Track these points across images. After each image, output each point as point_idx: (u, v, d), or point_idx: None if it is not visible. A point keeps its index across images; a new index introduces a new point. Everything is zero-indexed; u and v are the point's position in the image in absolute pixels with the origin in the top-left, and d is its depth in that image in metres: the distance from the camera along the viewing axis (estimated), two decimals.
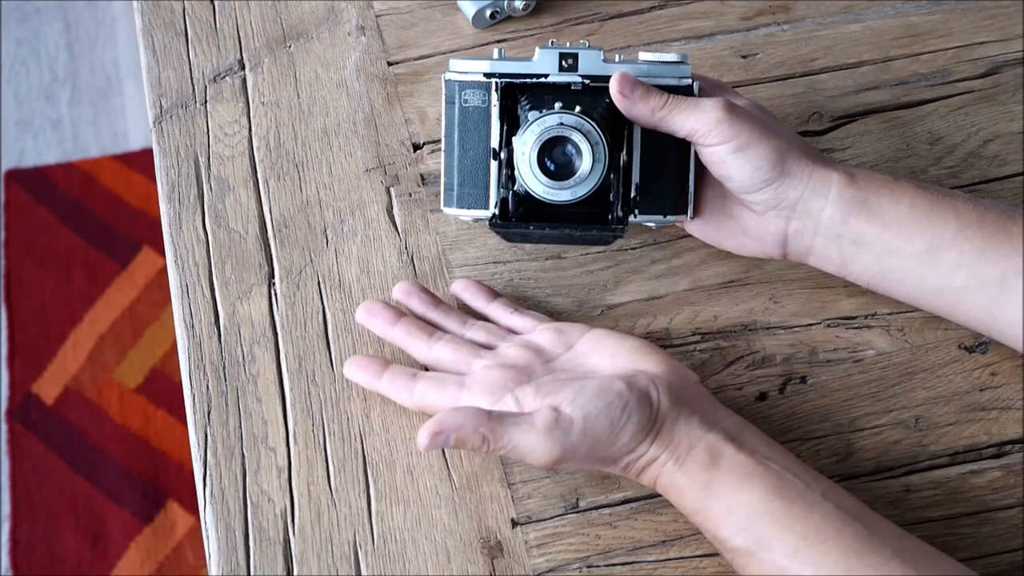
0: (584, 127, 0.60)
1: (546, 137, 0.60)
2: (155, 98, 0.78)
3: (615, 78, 0.61)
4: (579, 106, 0.60)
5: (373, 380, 0.63)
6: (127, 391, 1.63)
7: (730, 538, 0.53)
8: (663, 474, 0.56)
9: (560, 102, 0.61)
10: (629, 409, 0.55)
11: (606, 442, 0.55)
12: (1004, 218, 0.60)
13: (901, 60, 0.78)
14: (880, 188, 0.61)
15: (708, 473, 0.54)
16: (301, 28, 0.82)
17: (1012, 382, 0.64)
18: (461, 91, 0.64)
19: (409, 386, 0.61)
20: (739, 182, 0.61)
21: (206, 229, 0.72)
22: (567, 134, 0.60)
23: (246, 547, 0.60)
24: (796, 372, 0.65)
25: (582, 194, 0.60)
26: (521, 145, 0.60)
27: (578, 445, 0.55)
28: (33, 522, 1.53)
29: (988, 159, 0.73)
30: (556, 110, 0.60)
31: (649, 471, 0.56)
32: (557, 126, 0.60)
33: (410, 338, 0.64)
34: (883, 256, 0.61)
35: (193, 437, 0.64)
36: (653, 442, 0.55)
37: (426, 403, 0.61)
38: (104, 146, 1.88)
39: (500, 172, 0.63)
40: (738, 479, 0.54)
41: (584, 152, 0.60)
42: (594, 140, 0.60)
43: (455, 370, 0.62)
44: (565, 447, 0.55)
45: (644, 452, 0.55)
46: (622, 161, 0.62)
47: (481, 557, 0.59)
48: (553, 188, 0.60)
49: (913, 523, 0.59)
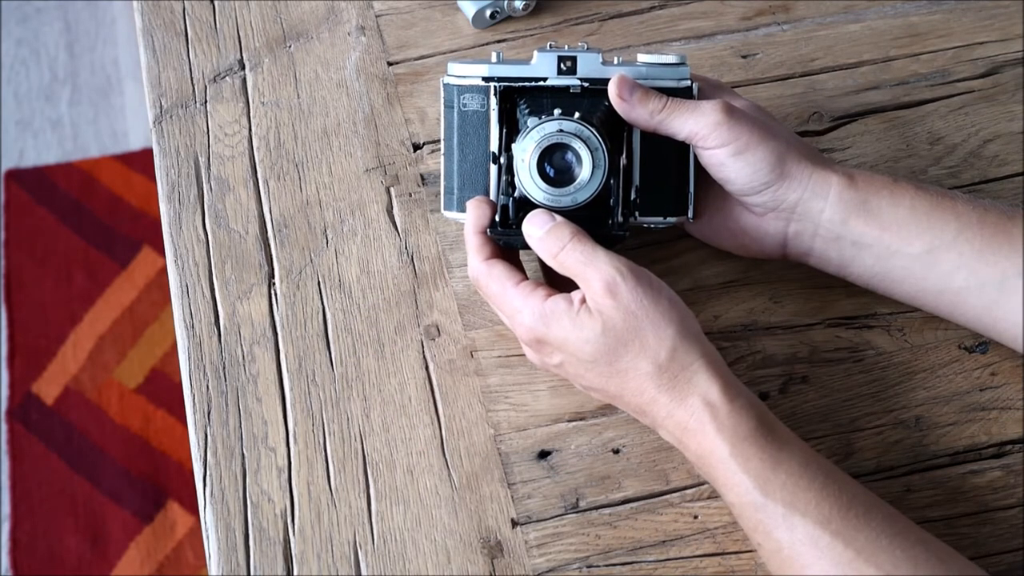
0: (583, 133, 0.59)
1: (545, 144, 0.60)
2: (155, 98, 0.78)
3: (613, 81, 0.61)
4: (578, 111, 0.60)
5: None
6: (127, 391, 1.63)
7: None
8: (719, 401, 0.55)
9: (559, 108, 0.60)
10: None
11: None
12: (1004, 219, 0.60)
13: (901, 60, 0.78)
14: (880, 189, 0.61)
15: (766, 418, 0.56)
16: (301, 28, 0.82)
17: (1012, 382, 0.64)
18: (460, 95, 0.64)
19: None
20: (739, 185, 0.61)
21: (206, 229, 0.72)
22: (567, 141, 0.59)
23: (246, 547, 0.60)
24: (796, 372, 0.65)
25: (582, 200, 0.60)
26: (520, 152, 0.60)
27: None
28: (33, 522, 1.53)
29: (988, 159, 0.73)
30: (555, 116, 0.60)
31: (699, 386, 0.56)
32: (556, 133, 0.59)
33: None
34: (883, 257, 0.61)
35: (193, 437, 0.64)
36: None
37: None
38: (104, 146, 1.88)
39: (500, 177, 0.62)
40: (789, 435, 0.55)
41: (584, 159, 0.59)
42: (593, 146, 0.59)
43: None
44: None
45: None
46: (622, 165, 0.62)
47: (481, 557, 0.59)
48: (553, 195, 0.60)
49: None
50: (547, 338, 0.58)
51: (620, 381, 0.57)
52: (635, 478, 0.61)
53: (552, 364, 0.60)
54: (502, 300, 0.60)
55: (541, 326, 0.58)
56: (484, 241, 0.61)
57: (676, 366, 0.56)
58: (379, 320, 0.68)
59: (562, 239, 0.58)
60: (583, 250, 0.58)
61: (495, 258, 0.61)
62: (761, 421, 0.55)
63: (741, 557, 0.59)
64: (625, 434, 0.63)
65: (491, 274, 0.60)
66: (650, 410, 0.57)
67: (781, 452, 0.54)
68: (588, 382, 0.59)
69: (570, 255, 0.58)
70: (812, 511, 0.52)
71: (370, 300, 0.68)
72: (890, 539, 0.52)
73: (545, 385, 0.65)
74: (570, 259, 0.58)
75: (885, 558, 0.51)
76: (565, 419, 0.64)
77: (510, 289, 0.60)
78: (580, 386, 0.61)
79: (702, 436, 0.55)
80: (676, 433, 0.57)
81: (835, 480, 0.54)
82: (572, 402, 0.64)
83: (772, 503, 0.53)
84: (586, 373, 0.58)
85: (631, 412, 0.60)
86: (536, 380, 0.65)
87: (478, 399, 0.64)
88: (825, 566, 0.51)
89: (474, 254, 0.61)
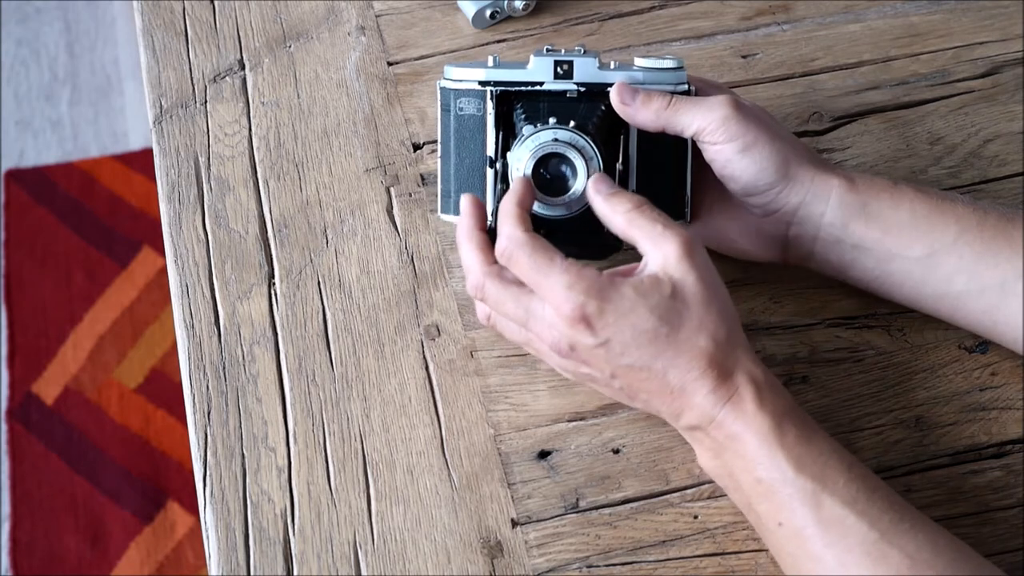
0: (579, 143, 0.59)
1: (540, 154, 0.59)
2: (155, 98, 0.78)
3: (614, 90, 0.61)
4: (574, 116, 0.60)
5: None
6: (127, 391, 1.63)
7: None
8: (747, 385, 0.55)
9: (555, 114, 0.60)
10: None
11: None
12: (1004, 222, 0.60)
13: (901, 60, 0.78)
14: (880, 193, 0.61)
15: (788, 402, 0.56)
16: (301, 28, 0.82)
17: (1012, 382, 0.64)
18: (456, 99, 0.64)
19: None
20: (743, 183, 0.61)
21: (206, 229, 0.72)
22: (561, 151, 0.59)
23: (246, 547, 0.60)
24: (796, 372, 0.65)
25: (577, 209, 0.60)
26: (516, 161, 0.60)
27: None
28: (33, 522, 1.53)
29: (988, 159, 0.73)
30: (550, 125, 0.60)
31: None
32: (551, 142, 0.59)
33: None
34: (883, 261, 0.61)
35: (193, 437, 0.64)
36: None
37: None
38: (104, 146, 1.88)
39: (496, 184, 0.62)
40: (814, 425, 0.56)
41: (579, 169, 0.59)
42: (588, 156, 0.59)
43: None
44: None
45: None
46: (618, 171, 0.62)
47: (481, 557, 0.59)
48: (548, 204, 0.60)
49: None
50: (603, 312, 0.54)
51: (672, 355, 0.54)
52: (635, 478, 0.61)
53: (588, 345, 0.55)
54: (547, 272, 0.55)
55: (596, 299, 0.54)
56: (524, 215, 0.57)
57: (729, 346, 0.55)
58: (379, 320, 0.68)
59: (633, 199, 0.57)
60: (658, 213, 0.56)
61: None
62: (793, 403, 0.56)
63: (741, 557, 0.59)
64: (625, 434, 0.63)
65: (535, 245, 0.55)
66: (689, 389, 0.55)
67: (812, 433, 0.55)
68: (630, 360, 0.55)
69: (643, 215, 0.56)
70: (840, 490, 0.52)
71: (370, 300, 0.68)
72: (912, 524, 0.52)
73: (545, 385, 0.65)
74: (643, 219, 0.56)
75: (908, 540, 0.51)
76: (565, 419, 0.64)
77: (559, 261, 0.55)
78: (606, 375, 0.57)
79: (741, 412, 0.54)
80: (709, 412, 0.55)
81: (859, 465, 0.54)
82: (572, 402, 0.64)
83: (803, 479, 0.53)
84: (635, 350, 0.54)
85: (653, 397, 0.56)
86: (536, 380, 0.65)
87: (478, 399, 0.64)
88: (850, 545, 0.52)
89: (516, 224, 0.56)
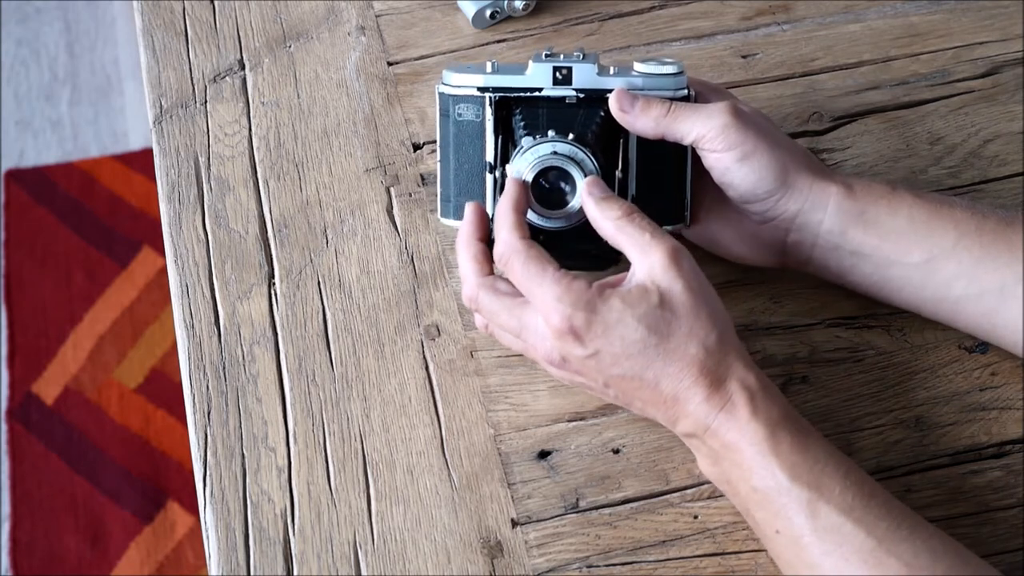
0: (578, 156, 0.59)
1: (539, 168, 0.59)
2: (155, 98, 0.78)
3: (613, 97, 0.61)
4: (573, 124, 0.60)
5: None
6: (127, 391, 1.63)
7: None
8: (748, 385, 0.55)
9: (554, 124, 0.60)
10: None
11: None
12: (1003, 225, 0.60)
13: (901, 60, 0.78)
14: (878, 199, 0.61)
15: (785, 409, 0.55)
16: (301, 28, 0.82)
17: (1012, 382, 0.64)
18: (455, 104, 0.63)
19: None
20: (742, 191, 0.61)
21: (206, 229, 0.72)
22: (560, 164, 0.59)
23: (246, 547, 0.60)
24: (796, 372, 0.65)
25: (576, 221, 0.60)
26: (515, 173, 0.59)
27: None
28: (33, 522, 1.53)
29: (988, 159, 0.73)
30: (550, 138, 0.59)
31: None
32: (551, 155, 0.59)
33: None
34: (881, 267, 0.61)
35: (193, 437, 0.64)
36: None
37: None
38: (104, 146, 1.88)
39: (495, 191, 0.62)
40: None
41: (578, 184, 0.59)
42: (588, 169, 0.59)
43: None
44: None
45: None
46: (617, 178, 0.62)
47: (481, 557, 0.59)
48: (547, 216, 0.60)
49: None
50: (591, 323, 0.54)
51: (662, 365, 0.55)
52: (635, 478, 0.61)
53: (578, 357, 0.56)
54: (539, 282, 0.55)
55: (584, 311, 0.54)
56: (520, 221, 0.58)
57: (720, 353, 0.55)
58: (379, 320, 0.68)
59: (623, 206, 0.57)
60: (647, 222, 0.56)
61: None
62: (789, 408, 0.56)
63: (741, 557, 0.59)
64: (625, 434, 0.63)
65: (530, 253, 0.56)
66: (682, 397, 0.55)
67: (808, 439, 0.54)
68: (620, 370, 0.55)
69: (632, 222, 0.56)
70: (836, 498, 0.52)
71: (370, 300, 0.68)
72: (910, 530, 0.52)
73: (545, 385, 0.65)
74: (632, 226, 0.56)
75: (906, 548, 0.51)
76: (565, 419, 0.64)
77: (551, 272, 0.55)
78: (599, 384, 0.57)
79: (735, 421, 0.54)
80: (703, 420, 0.55)
81: (855, 470, 0.54)
82: (572, 402, 0.64)
83: (798, 488, 0.53)
84: (625, 361, 0.55)
85: (648, 406, 0.57)
86: (536, 380, 0.65)
87: (478, 399, 0.64)
88: (846, 553, 0.51)
89: (512, 229, 0.57)
